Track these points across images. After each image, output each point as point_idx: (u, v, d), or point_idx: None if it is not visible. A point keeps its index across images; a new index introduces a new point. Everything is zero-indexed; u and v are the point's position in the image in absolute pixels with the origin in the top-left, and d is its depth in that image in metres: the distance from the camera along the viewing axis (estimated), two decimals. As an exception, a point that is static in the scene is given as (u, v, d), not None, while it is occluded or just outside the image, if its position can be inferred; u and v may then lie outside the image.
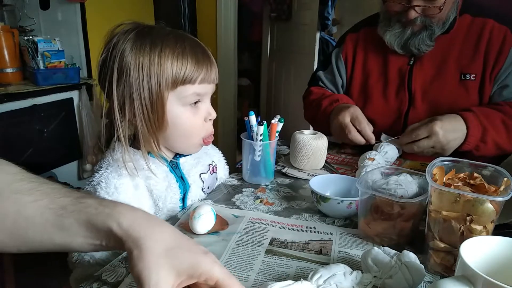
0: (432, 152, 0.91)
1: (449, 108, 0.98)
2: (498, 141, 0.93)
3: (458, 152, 0.92)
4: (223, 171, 0.89)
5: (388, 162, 0.90)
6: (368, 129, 0.98)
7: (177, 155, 0.75)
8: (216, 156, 0.87)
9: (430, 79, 1.04)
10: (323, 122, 1.09)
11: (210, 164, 0.82)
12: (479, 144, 0.92)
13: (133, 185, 0.68)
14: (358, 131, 0.98)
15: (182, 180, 0.75)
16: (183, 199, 0.75)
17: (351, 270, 0.49)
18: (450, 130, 0.89)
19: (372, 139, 0.97)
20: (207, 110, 0.71)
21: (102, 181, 0.66)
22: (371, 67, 1.12)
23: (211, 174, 0.82)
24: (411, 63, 1.06)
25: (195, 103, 0.69)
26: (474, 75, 1.00)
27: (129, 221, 0.40)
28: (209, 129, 0.73)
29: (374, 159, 0.86)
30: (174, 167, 0.75)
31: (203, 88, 0.69)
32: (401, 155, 1.00)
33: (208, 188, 0.81)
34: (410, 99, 1.06)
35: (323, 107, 1.10)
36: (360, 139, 0.97)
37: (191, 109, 0.69)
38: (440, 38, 1.01)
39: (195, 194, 0.77)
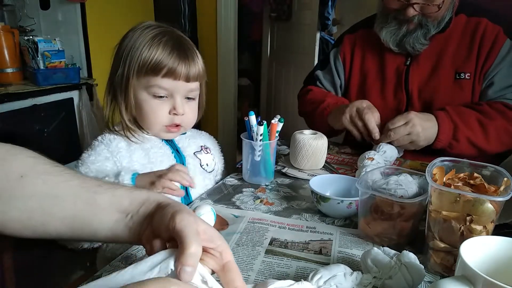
0: (408, 139, 0.92)
1: (444, 106, 0.99)
2: (472, 139, 0.94)
3: (433, 151, 0.93)
4: (218, 153, 0.92)
5: (387, 161, 0.91)
6: (379, 120, 0.97)
7: None
8: (208, 142, 0.90)
9: (427, 79, 1.05)
10: (321, 118, 1.09)
11: (201, 146, 0.86)
12: (451, 141, 0.94)
13: (127, 143, 0.75)
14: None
15: (177, 152, 0.81)
16: None
17: (352, 271, 0.49)
18: (425, 119, 0.92)
19: (378, 133, 0.95)
20: (173, 105, 0.74)
21: (97, 140, 0.75)
22: (369, 68, 1.13)
23: (206, 153, 0.86)
24: (407, 63, 1.06)
25: (161, 96, 0.72)
26: (468, 74, 1.01)
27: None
28: (173, 120, 0.75)
29: (373, 159, 0.86)
30: (168, 141, 0.81)
31: (168, 83, 0.71)
32: (402, 156, 1.00)
33: (207, 165, 0.85)
34: (408, 98, 1.07)
35: (327, 103, 1.09)
36: (372, 122, 0.95)
37: (155, 100, 0.73)
38: (435, 37, 1.01)
39: (194, 168, 0.81)
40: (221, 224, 0.68)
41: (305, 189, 0.83)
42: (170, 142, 0.81)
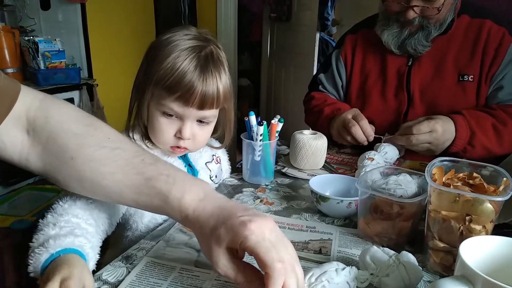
0: (426, 148, 0.92)
1: (447, 109, 0.99)
2: (487, 145, 0.94)
3: (445, 153, 0.93)
4: (226, 163, 0.90)
5: (387, 162, 0.91)
6: (368, 126, 0.98)
7: None
8: (219, 151, 0.88)
9: (429, 80, 1.04)
10: (324, 128, 1.09)
11: (213, 155, 0.84)
12: (466, 147, 0.93)
13: None
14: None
15: (190, 167, 0.78)
16: None
17: (344, 266, 0.49)
18: (447, 131, 0.91)
19: (371, 136, 0.98)
20: (180, 128, 0.69)
21: None
22: (370, 68, 1.13)
23: (216, 164, 0.84)
24: (409, 64, 1.06)
25: (170, 115, 0.68)
26: (472, 76, 1.00)
27: (192, 215, 0.46)
28: (178, 143, 0.71)
29: (373, 159, 0.86)
30: (182, 156, 0.78)
31: (179, 108, 0.67)
32: (402, 156, 1.00)
33: (216, 177, 0.83)
34: (409, 100, 1.06)
35: (325, 114, 1.10)
36: (360, 134, 0.97)
37: (164, 118, 0.69)
38: (437, 39, 1.01)
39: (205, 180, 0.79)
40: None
41: (305, 189, 0.83)
42: (183, 157, 0.78)
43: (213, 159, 0.83)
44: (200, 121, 0.71)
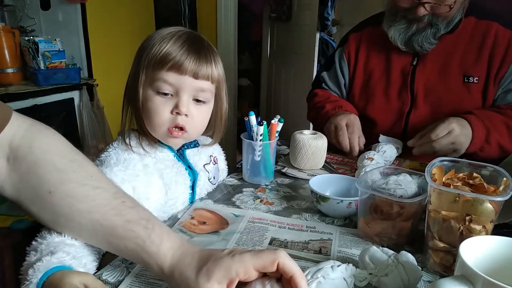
0: (452, 149, 0.91)
1: (451, 109, 0.98)
2: (501, 142, 0.94)
3: (464, 154, 0.92)
4: (223, 162, 0.90)
5: (387, 161, 0.91)
6: (357, 140, 0.98)
7: (184, 146, 0.75)
8: (216, 148, 0.87)
9: (433, 80, 1.04)
10: (323, 123, 1.09)
11: (211, 155, 0.83)
12: (484, 145, 0.93)
13: (142, 164, 0.70)
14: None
15: (190, 168, 0.76)
16: (192, 187, 0.77)
17: (340, 263, 0.49)
18: (464, 127, 0.90)
19: (355, 151, 0.98)
20: (176, 104, 0.66)
21: (111, 154, 0.68)
22: (373, 66, 1.12)
23: (213, 164, 0.83)
24: (414, 63, 1.05)
25: (166, 94, 0.66)
26: (477, 78, 1.00)
27: (170, 263, 0.45)
28: (176, 121, 0.67)
29: (373, 159, 0.86)
30: (181, 157, 0.76)
31: (173, 78, 0.65)
32: (400, 155, 1.00)
33: (214, 178, 0.83)
34: (412, 100, 1.06)
35: (325, 110, 1.10)
36: (346, 144, 0.98)
37: (159, 98, 0.66)
38: (444, 37, 1.00)
39: (203, 182, 0.79)
40: (221, 223, 0.68)
41: (305, 189, 0.83)
42: (182, 158, 0.76)
43: (210, 160, 0.82)
44: (196, 100, 0.68)
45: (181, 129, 0.68)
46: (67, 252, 0.47)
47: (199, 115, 0.70)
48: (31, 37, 1.77)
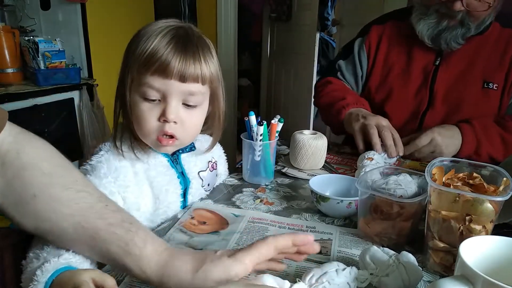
0: (432, 156, 0.91)
1: (468, 113, 0.98)
2: (492, 154, 0.94)
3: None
4: (223, 166, 0.87)
5: (387, 162, 0.91)
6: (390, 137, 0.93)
7: (179, 150, 0.72)
8: (216, 152, 0.84)
9: (454, 82, 1.03)
10: (336, 111, 1.05)
11: (209, 161, 0.80)
12: (472, 155, 0.93)
13: (133, 172, 0.67)
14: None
15: (182, 175, 0.74)
16: (184, 195, 0.74)
17: (345, 266, 0.49)
18: (448, 136, 0.92)
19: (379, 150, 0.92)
20: (163, 110, 0.62)
21: (102, 161, 0.65)
22: (394, 62, 1.10)
23: (211, 171, 0.80)
24: (437, 63, 1.04)
25: (153, 100, 0.61)
26: (496, 84, 1.00)
27: (155, 265, 0.45)
28: (164, 129, 0.63)
29: (372, 159, 0.86)
30: (175, 162, 0.73)
31: (158, 83, 0.60)
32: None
33: (208, 185, 0.80)
34: (430, 99, 1.05)
35: (346, 102, 1.04)
36: (390, 140, 0.91)
37: (146, 104, 0.62)
38: (470, 40, 0.99)
39: (195, 190, 0.76)
40: (221, 223, 0.68)
41: (305, 189, 0.83)
42: (176, 164, 0.73)
43: (208, 167, 0.79)
44: (186, 104, 0.63)
45: (172, 136, 0.64)
46: (73, 254, 0.48)
47: (191, 120, 0.65)
48: (31, 37, 1.77)
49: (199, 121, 0.68)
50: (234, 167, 0.94)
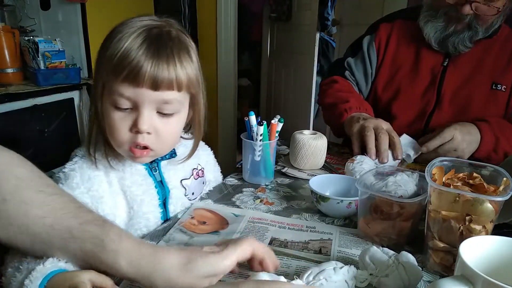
0: (454, 155, 0.90)
1: (476, 115, 0.98)
2: (509, 152, 0.93)
3: (470, 159, 0.92)
4: (212, 173, 0.83)
5: (391, 166, 0.89)
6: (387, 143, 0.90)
7: (158, 157, 0.67)
8: (203, 158, 0.79)
9: (462, 83, 1.03)
10: (338, 113, 1.03)
11: (194, 169, 0.75)
12: (491, 153, 0.93)
13: (107, 181, 0.64)
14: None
15: (161, 184, 0.69)
16: (164, 205, 0.70)
17: (343, 265, 0.49)
18: (467, 133, 0.90)
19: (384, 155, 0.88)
20: (135, 120, 0.57)
21: (75, 169, 0.62)
22: (402, 61, 1.09)
23: (195, 179, 0.75)
24: (445, 64, 1.04)
25: (125, 109, 0.57)
26: (505, 86, 1.00)
27: (136, 259, 0.44)
28: (136, 140, 0.58)
29: (354, 160, 0.82)
30: (153, 170, 0.68)
31: (128, 91, 0.55)
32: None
33: (193, 194, 0.74)
34: (437, 100, 1.04)
35: (349, 105, 1.02)
36: (386, 145, 0.87)
37: (117, 112, 0.57)
38: (479, 42, 0.99)
39: (177, 200, 0.71)
40: (221, 223, 0.68)
41: (305, 189, 0.83)
42: (155, 171, 0.68)
43: (192, 174, 0.74)
44: (161, 113, 0.58)
45: (145, 147, 0.59)
46: (56, 257, 0.46)
47: (167, 129, 0.60)
48: (31, 37, 1.77)
49: (176, 129, 0.63)
50: (234, 167, 0.94)
